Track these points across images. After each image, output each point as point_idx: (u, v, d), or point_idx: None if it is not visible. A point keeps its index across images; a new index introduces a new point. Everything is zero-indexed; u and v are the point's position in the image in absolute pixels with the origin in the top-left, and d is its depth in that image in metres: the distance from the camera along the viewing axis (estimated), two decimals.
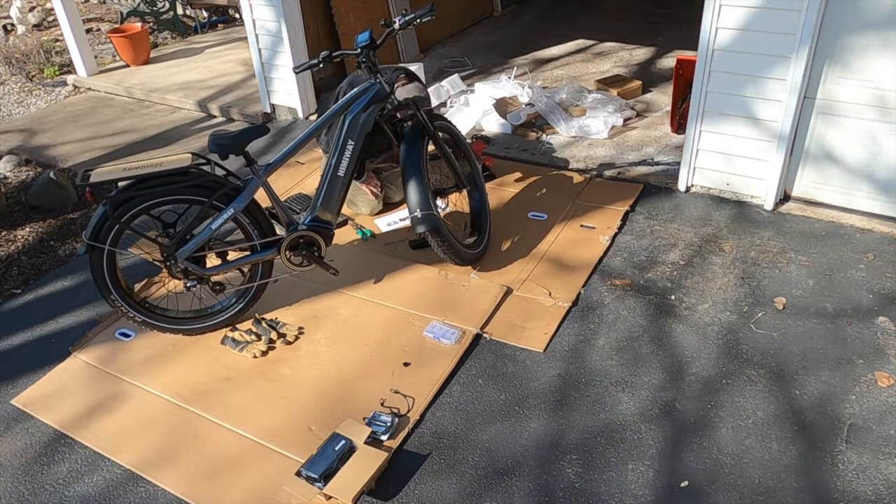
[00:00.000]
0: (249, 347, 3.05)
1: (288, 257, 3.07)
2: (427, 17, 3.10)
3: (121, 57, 6.73)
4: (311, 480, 2.41)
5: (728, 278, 3.31)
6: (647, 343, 2.98)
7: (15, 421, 2.83)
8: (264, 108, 5.44)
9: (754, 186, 3.82)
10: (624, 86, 5.18)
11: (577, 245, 3.59)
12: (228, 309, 3.16)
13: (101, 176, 2.73)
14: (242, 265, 3.11)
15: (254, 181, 2.93)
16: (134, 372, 3.01)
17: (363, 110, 3.06)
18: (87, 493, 2.50)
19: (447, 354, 2.96)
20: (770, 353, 2.87)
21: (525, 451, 2.54)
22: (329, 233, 3.15)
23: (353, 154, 3.06)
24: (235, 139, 2.82)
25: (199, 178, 2.83)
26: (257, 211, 3.00)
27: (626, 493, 2.37)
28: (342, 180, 3.08)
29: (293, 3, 4.92)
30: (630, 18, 7.09)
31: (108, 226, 2.80)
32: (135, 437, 2.70)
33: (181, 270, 2.97)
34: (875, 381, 2.71)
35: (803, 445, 2.48)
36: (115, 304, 2.97)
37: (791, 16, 3.29)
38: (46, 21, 8.55)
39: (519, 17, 7.40)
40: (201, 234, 2.92)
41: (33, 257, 3.93)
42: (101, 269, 2.88)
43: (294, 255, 3.08)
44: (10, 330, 3.35)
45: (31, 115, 5.93)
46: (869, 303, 3.10)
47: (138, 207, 2.80)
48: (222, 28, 7.86)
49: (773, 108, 3.56)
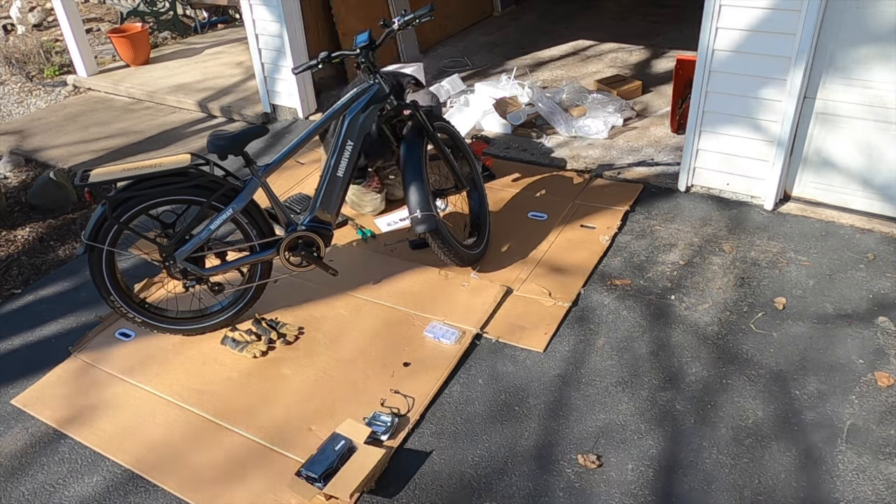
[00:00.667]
0: (249, 347, 3.05)
1: (287, 258, 3.07)
2: (426, 18, 3.10)
3: (121, 57, 6.73)
4: (311, 480, 2.41)
5: (728, 278, 3.31)
6: (647, 343, 2.98)
7: (15, 421, 2.83)
8: (264, 108, 5.44)
9: (754, 186, 3.82)
10: (624, 86, 5.18)
11: (577, 245, 3.59)
12: (227, 309, 3.16)
13: (100, 176, 2.73)
14: (241, 266, 3.11)
15: (253, 182, 2.93)
16: (134, 372, 3.01)
17: (362, 111, 3.06)
18: (87, 493, 2.50)
19: (447, 354, 2.96)
20: (770, 353, 2.87)
21: (525, 451, 2.54)
22: (328, 233, 3.14)
23: (352, 154, 3.06)
24: (234, 139, 2.82)
25: (198, 179, 2.83)
26: (256, 211, 3.00)
27: (626, 493, 2.37)
28: (341, 181, 3.08)
29: (293, 3, 4.92)
30: (630, 18, 7.09)
31: (106, 226, 2.80)
32: (135, 437, 2.70)
33: (180, 271, 2.97)
34: (875, 381, 2.71)
35: (803, 445, 2.48)
36: (115, 304, 2.97)
37: (791, 16, 3.29)
38: (46, 21, 8.55)
39: (519, 18, 7.40)
40: (200, 235, 2.92)
41: (33, 257, 3.93)
42: (101, 270, 2.88)
43: (293, 255, 3.08)
44: (10, 330, 3.35)
45: (31, 115, 5.93)
46: (869, 303, 3.10)
47: (137, 208, 2.80)
48: (222, 28, 7.86)
49: (772, 108, 3.56)
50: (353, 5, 5.64)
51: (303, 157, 4.64)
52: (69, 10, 6.12)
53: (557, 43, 6.51)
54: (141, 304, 3.08)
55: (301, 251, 3.08)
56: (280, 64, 5.12)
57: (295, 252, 3.08)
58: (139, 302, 3.08)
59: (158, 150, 5.03)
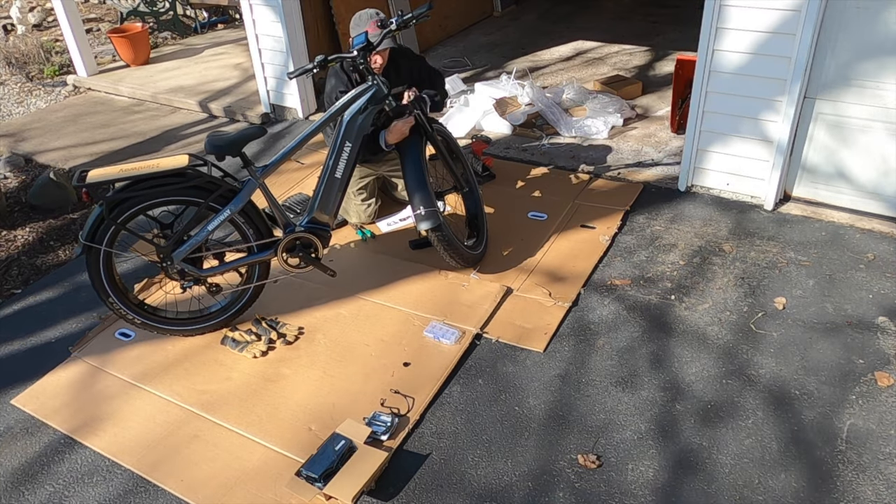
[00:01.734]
0: (249, 347, 3.05)
1: (285, 259, 3.07)
2: (424, 17, 3.09)
3: (121, 57, 6.73)
4: (311, 480, 2.41)
5: (728, 278, 3.31)
6: (647, 343, 2.98)
7: (15, 421, 2.83)
8: (264, 108, 5.44)
9: (754, 187, 3.82)
10: (624, 86, 5.18)
11: (577, 245, 3.59)
12: (226, 310, 3.16)
13: (98, 177, 2.73)
14: (239, 267, 3.11)
15: (250, 183, 2.93)
16: (134, 372, 3.01)
17: (360, 112, 3.05)
18: (87, 493, 2.50)
19: (447, 354, 2.96)
20: (770, 353, 2.87)
21: (525, 451, 2.54)
22: (326, 234, 3.14)
23: (350, 156, 3.05)
24: (231, 141, 2.82)
25: (196, 180, 2.83)
26: (254, 213, 2.99)
27: (627, 493, 2.37)
28: (339, 182, 3.07)
29: (293, 3, 4.92)
30: (630, 19, 7.09)
31: (104, 227, 2.81)
32: (135, 437, 2.70)
33: (178, 272, 2.97)
34: (875, 381, 2.71)
35: (803, 445, 2.48)
36: (113, 306, 2.97)
37: (791, 16, 3.29)
38: (46, 21, 8.55)
39: (519, 18, 7.40)
40: (197, 236, 2.92)
41: (33, 257, 3.93)
42: (98, 271, 2.88)
43: (291, 256, 3.08)
44: (10, 330, 3.35)
45: (31, 115, 5.93)
46: (869, 303, 3.10)
47: (134, 208, 2.80)
48: (222, 28, 7.86)
49: (773, 109, 3.56)
50: (353, 5, 5.63)
51: (305, 157, 4.64)
52: (69, 10, 6.12)
53: (557, 43, 6.51)
54: (140, 305, 3.07)
55: (299, 252, 3.08)
56: (280, 64, 5.12)
57: (293, 253, 3.08)
58: (138, 303, 3.08)
59: (159, 151, 5.03)
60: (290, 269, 3.11)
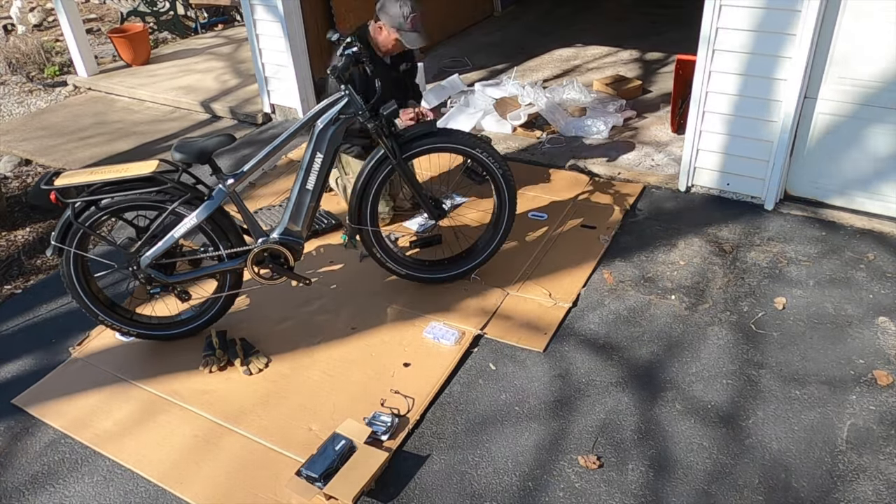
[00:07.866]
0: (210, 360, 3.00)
1: (256, 270, 3.03)
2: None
3: (121, 57, 6.73)
4: (311, 480, 2.41)
5: (728, 278, 3.31)
6: (647, 343, 2.98)
7: (15, 421, 2.83)
8: (264, 108, 5.44)
9: (754, 186, 3.82)
10: (624, 86, 5.18)
11: (577, 245, 3.59)
12: (197, 318, 3.14)
13: (67, 180, 2.75)
14: (210, 275, 3.07)
15: (219, 191, 2.88)
16: (134, 372, 3.01)
17: (332, 122, 2.94)
18: (87, 493, 2.50)
19: (447, 355, 2.96)
20: (770, 353, 2.87)
21: (525, 451, 2.54)
22: (299, 246, 3.07)
23: (321, 167, 2.96)
24: (199, 148, 2.79)
25: (164, 185, 2.79)
26: (225, 221, 2.95)
27: (627, 493, 2.37)
28: (311, 194, 2.99)
29: (293, 3, 4.92)
30: (630, 19, 7.09)
31: (73, 230, 2.83)
32: (134, 437, 2.70)
33: (144, 277, 2.97)
34: (875, 380, 2.71)
35: (803, 445, 2.48)
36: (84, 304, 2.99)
37: (791, 16, 3.29)
38: (46, 21, 8.56)
39: (519, 18, 7.40)
40: (163, 242, 2.89)
41: (33, 257, 3.93)
42: (70, 273, 2.91)
43: (261, 267, 3.04)
44: (10, 330, 3.35)
45: (32, 115, 5.93)
46: (868, 303, 3.10)
47: (101, 213, 2.81)
48: (222, 28, 7.86)
49: (773, 109, 3.56)
50: (353, 5, 5.64)
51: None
52: (69, 10, 6.12)
53: (558, 43, 6.51)
54: (110, 306, 3.07)
55: (268, 264, 3.04)
56: (280, 63, 5.12)
57: (262, 265, 3.04)
58: (108, 304, 3.07)
59: (158, 151, 5.04)
60: (262, 280, 3.06)
